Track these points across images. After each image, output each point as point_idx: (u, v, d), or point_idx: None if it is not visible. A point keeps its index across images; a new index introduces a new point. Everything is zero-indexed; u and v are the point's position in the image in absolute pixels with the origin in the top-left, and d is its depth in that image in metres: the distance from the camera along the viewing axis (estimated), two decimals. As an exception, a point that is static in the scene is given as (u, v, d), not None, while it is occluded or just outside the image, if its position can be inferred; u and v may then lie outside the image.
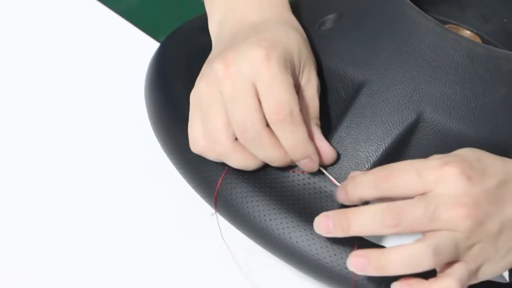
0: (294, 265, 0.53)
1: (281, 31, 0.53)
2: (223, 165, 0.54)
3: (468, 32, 0.66)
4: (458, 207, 0.46)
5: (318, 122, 0.54)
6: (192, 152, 0.55)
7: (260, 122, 0.50)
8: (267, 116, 0.50)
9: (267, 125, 0.51)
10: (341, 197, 0.51)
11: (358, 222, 0.48)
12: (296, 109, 0.50)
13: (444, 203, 0.46)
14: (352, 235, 0.48)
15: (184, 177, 0.57)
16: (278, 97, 0.50)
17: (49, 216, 0.62)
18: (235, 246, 0.60)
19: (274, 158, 0.52)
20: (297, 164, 0.53)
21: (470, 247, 0.47)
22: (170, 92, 0.60)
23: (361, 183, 0.49)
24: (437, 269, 0.48)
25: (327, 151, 0.54)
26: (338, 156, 0.54)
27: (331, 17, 0.59)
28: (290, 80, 0.51)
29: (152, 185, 0.65)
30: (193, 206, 0.62)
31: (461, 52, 0.55)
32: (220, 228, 0.57)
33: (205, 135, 0.52)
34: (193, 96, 0.53)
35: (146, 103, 0.62)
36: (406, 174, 0.47)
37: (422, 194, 0.47)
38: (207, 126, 0.52)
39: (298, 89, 0.53)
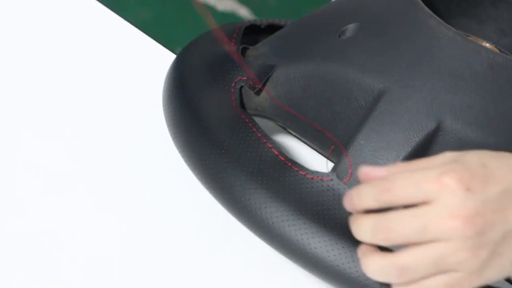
0: (312, 271, 0.53)
1: None
2: (241, 172, 0.54)
3: (487, 44, 0.66)
4: (451, 219, 0.45)
5: None
6: (212, 160, 0.55)
7: None
8: None
9: None
10: (348, 207, 0.50)
11: (354, 231, 0.48)
12: None
13: (438, 216, 0.46)
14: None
15: (204, 185, 0.57)
16: None
17: (52, 218, 0.62)
18: (238, 248, 0.61)
19: None
20: None
21: (468, 258, 0.46)
22: (188, 103, 0.60)
23: (365, 195, 0.48)
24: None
25: None
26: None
27: (351, 26, 0.59)
28: None
29: (153, 185, 0.65)
30: (195, 206, 0.62)
31: (482, 62, 0.55)
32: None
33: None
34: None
35: (165, 114, 0.62)
36: (406, 186, 0.47)
37: (424, 203, 0.47)
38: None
39: None
